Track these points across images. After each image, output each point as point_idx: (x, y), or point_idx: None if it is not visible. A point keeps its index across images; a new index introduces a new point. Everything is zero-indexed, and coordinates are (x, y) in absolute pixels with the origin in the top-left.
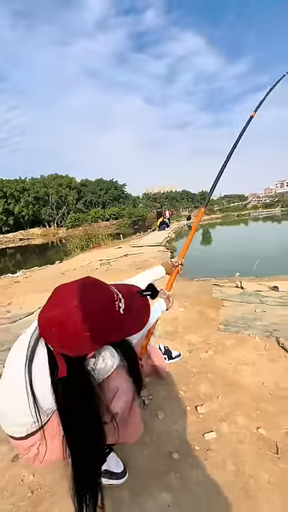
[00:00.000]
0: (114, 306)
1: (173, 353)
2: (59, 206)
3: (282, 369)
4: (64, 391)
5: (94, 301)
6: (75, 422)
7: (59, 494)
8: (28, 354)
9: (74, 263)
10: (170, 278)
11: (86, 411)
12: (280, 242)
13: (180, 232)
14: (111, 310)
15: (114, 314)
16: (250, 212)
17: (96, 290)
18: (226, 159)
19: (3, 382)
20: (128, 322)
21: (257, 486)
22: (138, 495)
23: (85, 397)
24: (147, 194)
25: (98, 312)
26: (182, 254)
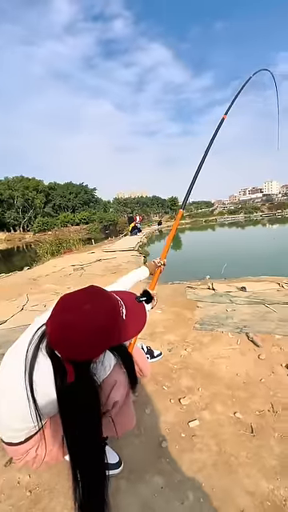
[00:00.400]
0: (118, 311)
1: (154, 352)
2: (25, 209)
3: (251, 360)
4: (71, 395)
5: (103, 307)
6: (78, 424)
7: (58, 491)
8: (27, 363)
9: (45, 269)
10: (153, 278)
11: (90, 414)
12: (244, 246)
13: (151, 237)
14: (117, 316)
15: (119, 319)
16: (216, 218)
17: (102, 296)
18: (202, 159)
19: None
20: (128, 326)
21: (238, 462)
22: (133, 482)
23: (90, 400)
24: (118, 199)
25: (106, 317)
26: (164, 255)
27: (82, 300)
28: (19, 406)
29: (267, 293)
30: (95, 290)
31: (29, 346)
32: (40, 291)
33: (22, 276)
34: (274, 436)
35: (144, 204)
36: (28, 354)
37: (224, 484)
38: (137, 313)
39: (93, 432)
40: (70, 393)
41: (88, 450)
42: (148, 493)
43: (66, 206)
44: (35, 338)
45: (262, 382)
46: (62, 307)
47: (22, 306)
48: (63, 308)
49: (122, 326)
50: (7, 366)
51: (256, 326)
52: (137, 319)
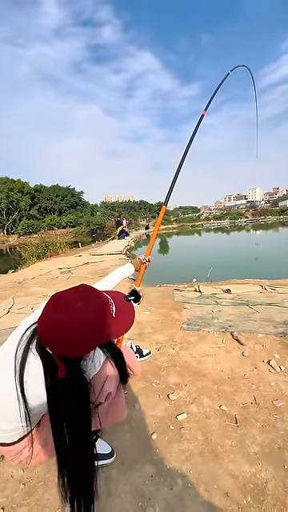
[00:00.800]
0: (109, 309)
1: (143, 351)
2: (10, 211)
3: (236, 357)
4: (62, 392)
5: (93, 305)
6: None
7: (51, 483)
8: (17, 363)
9: (31, 272)
10: (139, 274)
11: (79, 409)
12: (229, 251)
13: (139, 241)
14: (107, 314)
15: (109, 317)
16: (202, 223)
17: (93, 295)
18: (184, 153)
19: None
20: (118, 324)
21: (223, 450)
22: (124, 471)
23: (80, 396)
24: (105, 203)
25: (97, 315)
26: (148, 252)
27: (73, 298)
28: (11, 407)
29: (251, 294)
30: (86, 289)
31: (18, 347)
32: (26, 294)
33: (7, 279)
34: (256, 426)
35: (131, 208)
36: (17, 354)
37: (210, 470)
38: (125, 311)
39: (83, 427)
40: (61, 389)
41: (78, 445)
42: (139, 481)
43: (52, 209)
44: (24, 338)
45: (246, 377)
46: (54, 306)
47: (8, 308)
48: (55, 307)
49: (112, 324)
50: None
51: (240, 325)
52: (125, 317)
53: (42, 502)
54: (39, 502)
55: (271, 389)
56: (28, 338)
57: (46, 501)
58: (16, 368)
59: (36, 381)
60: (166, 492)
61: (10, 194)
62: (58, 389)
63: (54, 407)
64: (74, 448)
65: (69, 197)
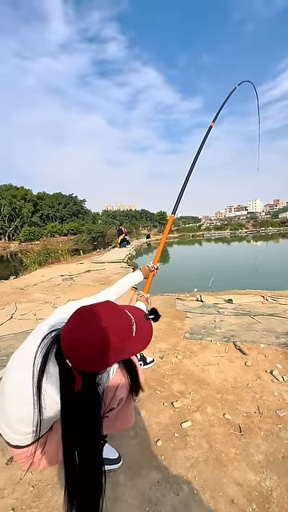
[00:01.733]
0: (131, 330)
1: (147, 359)
2: (12, 218)
3: (239, 367)
4: (76, 403)
5: (116, 326)
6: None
7: (60, 486)
8: (35, 369)
9: (32, 278)
10: (147, 282)
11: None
12: (230, 261)
13: (140, 250)
14: (128, 334)
15: (130, 337)
16: (203, 233)
17: (118, 315)
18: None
19: (5, 397)
20: (136, 343)
21: (228, 458)
22: (131, 477)
23: (93, 408)
24: (107, 211)
25: (119, 336)
26: (157, 260)
27: (98, 316)
28: (25, 410)
29: (252, 305)
30: (111, 307)
31: (36, 354)
32: (28, 300)
33: (9, 285)
34: (260, 435)
35: (133, 217)
36: (36, 361)
37: (215, 477)
38: (144, 330)
39: (92, 436)
40: (75, 400)
41: (87, 453)
42: (146, 486)
43: (54, 216)
44: (43, 345)
45: (249, 386)
46: (78, 321)
47: (11, 314)
48: (79, 323)
49: (132, 343)
50: (14, 371)
51: (242, 335)
52: (144, 336)
53: (51, 504)
54: (48, 504)
55: (274, 399)
56: (47, 345)
57: (54, 503)
58: (34, 375)
59: (53, 389)
60: (173, 498)
61: (13, 201)
62: (72, 400)
63: (67, 416)
64: (82, 456)
65: (71, 205)
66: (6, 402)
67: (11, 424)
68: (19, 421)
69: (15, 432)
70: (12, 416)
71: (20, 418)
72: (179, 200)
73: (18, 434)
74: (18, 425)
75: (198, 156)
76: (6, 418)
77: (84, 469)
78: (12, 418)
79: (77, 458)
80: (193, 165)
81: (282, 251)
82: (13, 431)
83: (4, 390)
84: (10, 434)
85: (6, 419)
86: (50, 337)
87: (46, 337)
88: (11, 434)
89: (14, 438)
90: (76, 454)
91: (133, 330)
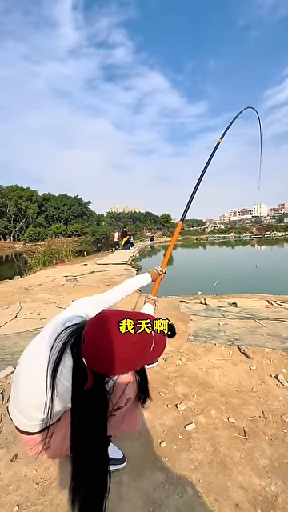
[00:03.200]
0: (150, 347)
1: None
2: (17, 218)
3: (243, 370)
4: (85, 399)
5: (139, 344)
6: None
7: (64, 484)
8: (51, 361)
9: (37, 279)
10: (155, 285)
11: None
12: (234, 264)
13: (143, 252)
14: (147, 351)
15: (147, 352)
16: (207, 236)
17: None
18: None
19: (20, 384)
20: (151, 356)
21: (232, 462)
22: (135, 477)
23: (100, 406)
24: (111, 213)
25: (139, 354)
26: (165, 264)
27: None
28: (37, 396)
29: (257, 309)
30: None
31: (53, 346)
32: (33, 300)
33: (14, 285)
34: (265, 439)
35: (137, 219)
36: (52, 352)
37: (219, 480)
38: (160, 344)
39: (98, 431)
40: (84, 396)
41: (92, 448)
42: (149, 487)
43: (59, 218)
44: (59, 339)
45: (254, 390)
46: (104, 328)
47: (16, 313)
48: (105, 329)
49: (148, 356)
50: (30, 357)
51: (247, 339)
52: (157, 350)
53: (56, 501)
54: (53, 501)
55: (279, 403)
56: (64, 339)
57: (59, 501)
58: (49, 365)
59: (67, 379)
60: (177, 500)
61: (19, 202)
62: (81, 395)
63: (76, 409)
64: (88, 451)
65: (76, 206)
66: (20, 388)
67: (25, 410)
68: (32, 407)
69: (28, 418)
70: (25, 402)
71: (33, 405)
72: (187, 209)
73: (29, 420)
74: (31, 411)
75: (205, 170)
76: (20, 404)
77: (90, 464)
78: (25, 405)
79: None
80: (201, 177)
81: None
82: (25, 417)
83: (19, 378)
84: (22, 419)
85: (20, 405)
86: (68, 332)
87: (65, 330)
88: (23, 420)
89: (26, 423)
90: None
91: (152, 346)
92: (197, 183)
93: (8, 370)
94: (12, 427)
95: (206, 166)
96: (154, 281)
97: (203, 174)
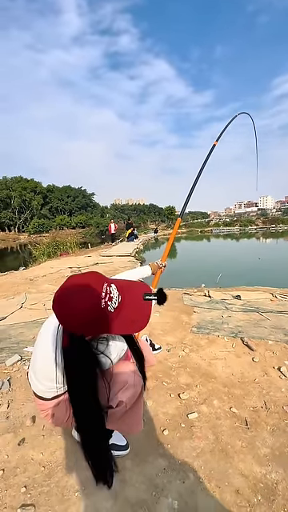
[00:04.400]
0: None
1: (155, 345)
2: (22, 210)
3: (246, 362)
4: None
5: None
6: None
7: (70, 467)
8: (58, 337)
9: (41, 270)
10: (155, 278)
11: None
12: (238, 257)
13: (147, 244)
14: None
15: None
16: (212, 229)
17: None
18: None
19: (36, 353)
20: (118, 321)
21: (233, 450)
22: (138, 463)
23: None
24: (115, 205)
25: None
26: (165, 258)
27: (78, 286)
28: (49, 368)
29: (261, 302)
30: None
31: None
32: (38, 291)
33: (19, 276)
34: (266, 429)
35: (141, 211)
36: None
37: (221, 467)
38: (137, 310)
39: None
40: (65, 354)
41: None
42: (152, 472)
43: (63, 209)
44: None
45: (256, 382)
46: (65, 287)
47: (21, 304)
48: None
49: (110, 319)
50: (42, 336)
51: (250, 331)
52: (131, 316)
53: (62, 483)
54: (59, 483)
55: (282, 395)
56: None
57: (65, 483)
58: (58, 340)
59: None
60: (179, 485)
61: (23, 193)
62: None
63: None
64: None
65: (80, 198)
66: (36, 358)
67: (38, 377)
68: (45, 376)
69: (41, 384)
70: (39, 370)
71: (46, 375)
72: (185, 207)
73: (42, 386)
74: (42, 379)
75: (201, 171)
76: (36, 373)
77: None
78: (39, 373)
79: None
80: (197, 178)
81: None
82: (39, 382)
83: (36, 348)
84: (37, 384)
85: (36, 375)
86: None
87: None
88: (38, 385)
89: (39, 388)
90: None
91: (105, 305)
92: (193, 184)
93: (14, 359)
94: (19, 413)
95: (202, 168)
96: (154, 274)
97: (199, 175)
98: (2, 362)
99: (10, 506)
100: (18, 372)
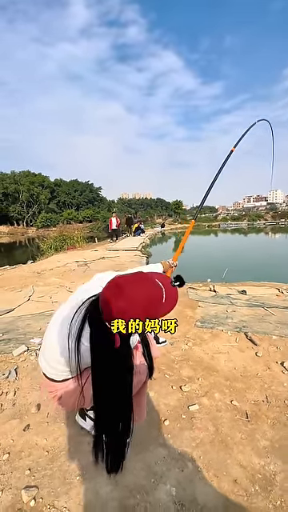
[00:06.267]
0: (162, 298)
1: (160, 339)
2: (30, 204)
3: (249, 357)
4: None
5: (152, 295)
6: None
7: (72, 452)
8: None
9: (48, 264)
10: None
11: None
12: (245, 252)
13: (154, 239)
14: (159, 302)
15: (161, 304)
16: (219, 223)
17: (152, 284)
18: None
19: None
20: (165, 308)
21: (233, 441)
22: (139, 451)
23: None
24: (122, 199)
25: (153, 304)
26: (176, 257)
27: (135, 288)
28: (59, 352)
29: (266, 297)
30: (144, 277)
31: (75, 315)
32: (45, 284)
33: (27, 269)
34: (267, 422)
35: (148, 206)
36: (75, 319)
37: (220, 458)
38: (171, 296)
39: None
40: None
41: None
42: (152, 460)
43: (70, 203)
44: (80, 309)
45: (258, 376)
46: (117, 291)
47: (29, 296)
48: (118, 292)
49: (162, 308)
50: (55, 324)
51: (254, 326)
52: (171, 301)
53: (64, 468)
54: (61, 467)
55: (284, 389)
56: (86, 307)
57: (67, 467)
58: (72, 330)
59: (87, 341)
60: (177, 473)
61: (31, 188)
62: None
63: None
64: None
65: (87, 192)
66: (47, 342)
67: (48, 361)
68: (53, 359)
69: (51, 367)
70: (49, 354)
71: (58, 359)
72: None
73: (52, 369)
74: (53, 362)
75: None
76: (45, 355)
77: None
78: (49, 356)
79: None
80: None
81: None
82: (49, 365)
83: (48, 333)
84: (47, 367)
85: (45, 356)
86: (88, 303)
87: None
88: (47, 367)
89: (49, 371)
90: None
91: (163, 297)
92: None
93: (21, 349)
94: (24, 401)
95: (218, 173)
96: (165, 272)
97: (215, 180)
98: (9, 352)
99: (15, 486)
100: (24, 362)
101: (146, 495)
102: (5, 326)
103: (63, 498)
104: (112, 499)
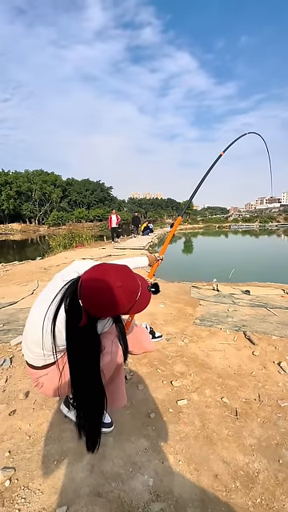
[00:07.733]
0: (136, 295)
1: (156, 333)
2: (42, 202)
3: (245, 355)
4: (80, 335)
5: (129, 288)
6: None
7: (53, 438)
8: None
9: (56, 260)
10: (152, 269)
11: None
12: (254, 254)
13: (162, 238)
14: (134, 297)
15: (134, 300)
16: (230, 225)
17: (131, 279)
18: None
19: (28, 322)
20: (136, 307)
21: (218, 437)
22: (120, 441)
23: (93, 341)
24: (133, 199)
25: (128, 296)
26: (163, 252)
27: (117, 277)
28: (37, 334)
29: (270, 297)
30: (128, 271)
31: (56, 295)
32: (50, 279)
33: (35, 265)
34: (256, 421)
35: (158, 206)
36: (54, 301)
37: (203, 453)
38: (144, 298)
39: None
40: (81, 332)
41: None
42: (132, 451)
43: (81, 202)
44: (62, 290)
45: (253, 375)
46: (101, 274)
47: (33, 290)
48: (102, 275)
49: (133, 305)
50: (37, 303)
51: (254, 326)
52: (142, 303)
53: (43, 452)
54: (40, 452)
55: (278, 389)
56: (65, 290)
57: (46, 452)
58: (50, 311)
59: (62, 325)
60: (157, 464)
61: (44, 186)
62: (78, 332)
63: (71, 347)
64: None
65: (98, 191)
66: (28, 326)
67: (29, 344)
68: (32, 342)
69: (31, 351)
70: (29, 337)
71: (33, 340)
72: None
73: (32, 354)
74: (31, 344)
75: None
76: (26, 338)
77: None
78: (29, 339)
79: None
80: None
81: None
82: (29, 350)
83: (29, 318)
84: (27, 352)
85: (26, 340)
86: (68, 283)
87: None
88: (28, 353)
89: (29, 356)
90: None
91: (138, 295)
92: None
93: (18, 339)
94: (15, 388)
95: (205, 176)
96: (151, 265)
97: (201, 182)
98: (7, 342)
99: None
100: (20, 352)
101: (122, 484)
102: (6, 318)
103: (38, 480)
104: (86, 485)
